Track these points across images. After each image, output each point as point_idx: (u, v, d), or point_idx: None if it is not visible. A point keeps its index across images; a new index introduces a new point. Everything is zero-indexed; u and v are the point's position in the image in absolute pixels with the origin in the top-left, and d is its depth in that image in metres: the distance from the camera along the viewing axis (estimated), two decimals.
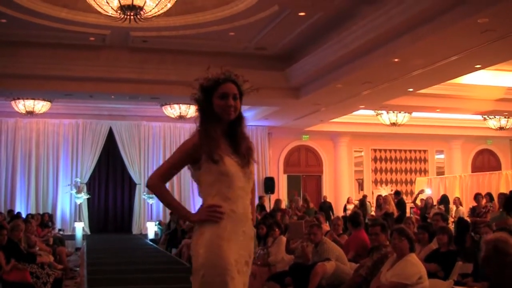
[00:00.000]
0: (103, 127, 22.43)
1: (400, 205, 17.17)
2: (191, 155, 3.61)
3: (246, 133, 3.73)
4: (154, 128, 23.13)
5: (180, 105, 19.51)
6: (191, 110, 19.78)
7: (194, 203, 22.65)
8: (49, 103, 19.14)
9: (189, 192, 23.00)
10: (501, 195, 12.59)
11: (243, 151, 3.60)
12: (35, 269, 9.09)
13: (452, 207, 17.99)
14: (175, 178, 22.11)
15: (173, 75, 16.15)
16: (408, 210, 19.36)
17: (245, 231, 3.55)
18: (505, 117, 21.77)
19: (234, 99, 3.62)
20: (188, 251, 14.15)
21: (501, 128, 22.36)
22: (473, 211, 14.04)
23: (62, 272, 10.29)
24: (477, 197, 14.23)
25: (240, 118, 3.69)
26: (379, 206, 16.48)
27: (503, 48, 12.35)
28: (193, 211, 3.65)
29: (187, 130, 23.20)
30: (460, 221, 12.51)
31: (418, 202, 18.07)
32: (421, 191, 18.96)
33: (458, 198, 17.96)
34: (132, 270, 11.29)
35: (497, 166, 27.25)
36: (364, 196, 20.41)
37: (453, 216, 16.80)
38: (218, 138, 3.58)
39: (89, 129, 22.35)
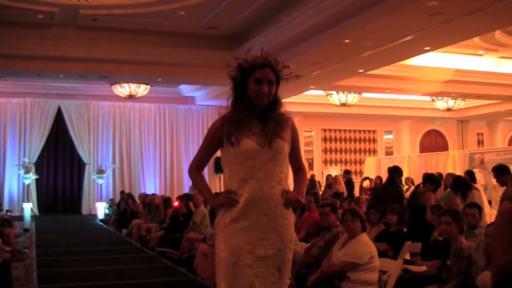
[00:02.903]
0: (52, 106, 22.04)
1: (349, 184, 17.39)
2: (216, 138, 3.68)
3: (281, 117, 3.67)
4: (104, 108, 22.84)
5: (130, 84, 19.35)
6: (140, 89, 19.64)
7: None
8: None
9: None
10: (448, 175, 12.80)
11: (268, 131, 3.55)
12: None
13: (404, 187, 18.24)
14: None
15: (123, 54, 15.99)
16: (358, 190, 19.62)
17: (267, 214, 3.50)
18: (452, 99, 22.17)
19: (269, 85, 3.57)
20: (138, 232, 14.10)
21: (448, 110, 22.78)
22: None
23: (10, 254, 10.14)
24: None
25: (274, 103, 3.64)
26: (329, 185, 16.63)
27: (452, 31, 12.53)
28: None
29: (137, 110, 23.08)
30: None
31: (365, 184, 18.42)
32: (364, 179, 19.37)
33: (411, 178, 18.18)
34: (82, 251, 11.19)
35: (444, 147, 27.76)
36: (312, 176, 20.56)
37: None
38: (242, 121, 3.56)
39: (37, 108, 21.94)
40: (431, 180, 10.28)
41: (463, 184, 10.16)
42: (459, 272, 5.27)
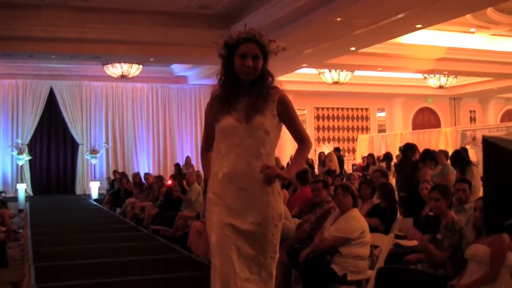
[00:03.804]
0: (44, 87, 22.02)
1: (339, 161, 17.47)
2: (210, 117, 3.73)
3: (266, 90, 3.63)
4: (96, 88, 22.83)
5: (122, 64, 19.32)
6: (133, 69, 19.61)
7: None
8: None
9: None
10: (440, 152, 12.89)
11: (248, 107, 3.55)
12: None
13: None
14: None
15: (115, 34, 15.95)
16: (350, 167, 19.69)
17: (244, 189, 3.54)
18: (445, 76, 22.21)
19: (254, 59, 3.57)
20: (132, 210, 14.17)
21: (441, 87, 22.82)
22: None
23: (5, 235, 10.21)
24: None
25: (261, 77, 3.64)
26: (322, 163, 16.71)
27: (444, 8, 12.56)
28: None
29: (129, 90, 23.06)
30: None
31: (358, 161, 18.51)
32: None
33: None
34: (77, 230, 11.26)
35: (437, 124, 27.85)
36: None
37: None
38: (228, 98, 3.61)
39: (29, 90, 21.91)
40: (430, 156, 10.31)
41: (463, 159, 10.25)
42: (452, 244, 5.35)
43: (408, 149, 11.45)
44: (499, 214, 2.45)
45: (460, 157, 10.32)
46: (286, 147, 24.75)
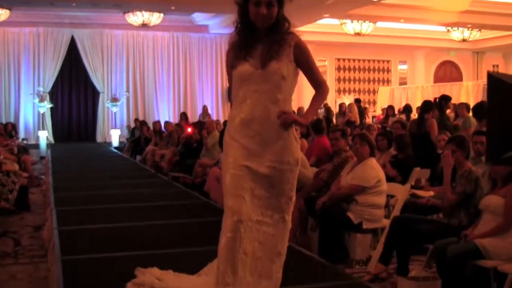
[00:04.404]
0: (65, 35, 22.02)
1: (359, 112, 17.45)
2: (229, 64, 3.74)
3: (282, 36, 3.62)
4: (117, 36, 22.80)
5: (143, 12, 19.24)
6: (154, 18, 19.54)
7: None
8: (8, 11, 18.71)
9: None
10: (461, 105, 12.84)
11: (263, 53, 3.57)
12: (0, 177, 9.15)
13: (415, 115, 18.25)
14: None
15: None
16: (370, 119, 19.64)
17: (260, 133, 3.59)
18: (468, 29, 21.93)
19: (268, 7, 3.53)
20: (152, 158, 14.31)
21: (464, 40, 22.56)
22: None
23: (27, 180, 10.37)
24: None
25: (277, 24, 3.62)
26: (342, 113, 16.71)
27: None
28: None
29: (150, 39, 23.03)
30: None
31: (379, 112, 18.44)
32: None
33: None
34: (98, 177, 11.37)
35: (458, 78, 27.59)
36: (325, 104, 20.58)
37: None
38: (244, 45, 3.63)
39: (50, 38, 21.94)
40: (430, 106, 10.24)
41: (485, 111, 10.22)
42: (464, 191, 5.38)
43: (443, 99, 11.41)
44: (501, 146, 2.50)
45: (482, 109, 10.25)
46: (306, 98, 24.77)
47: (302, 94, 20.26)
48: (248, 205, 3.50)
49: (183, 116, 18.23)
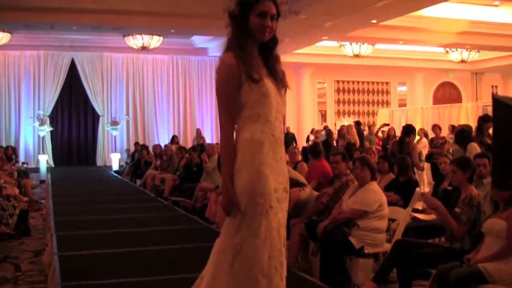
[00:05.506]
0: (65, 58, 22.16)
1: (359, 135, 17.42)
2: (233, 80, 3.27)
3: (279, 56, 3.48)
4: (117, 60, 22.94)
5: (143, 35, 19.33)
6: (153, 41, 19.63)
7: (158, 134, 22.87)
8: (9, 34, 18.79)
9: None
10: (457, 128, 12.90)
11: (279, 74, 3.41)
12: (0, 201, 9.11)
13: (416, 138, 18.19)
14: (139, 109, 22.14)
15: (136, 5, 15.97)
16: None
17: (282, 157, 3.39)
18: (467, 50, 22.00)
19: (272, 20, 3.35)
20: (152, 182, 14.27)
21: (462, 61, 22.64)
22: (431, 142, 14.36)
23: (28, 204, 10.33)
24: (434, 128, 14.62)
25: (274, 40, 3.44)
26: (342, 136, 16.68)
27: None
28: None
29: (150, 62, 23.14)
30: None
31: (380, 134, 18.35)
32: (384, 125, 19.16)
33: (424, 130, 18.10)
34: (98, 201, 11.37)
35: (458, 99, 27.66)
36: (325, 127, 20.62)
37: None
38: (256, 56, 3.35)
39: (50, 61, 22.07)
40: (412, 131, 11.11)
41: (466, 136, 10.22)
42: (469, 219, 5.36)
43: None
44: (507, 170, 2.48)
45: (465, 136, 10.26)
46: (306, 121, 24.85)
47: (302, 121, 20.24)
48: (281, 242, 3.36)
49: (175, 139, 18.23)
